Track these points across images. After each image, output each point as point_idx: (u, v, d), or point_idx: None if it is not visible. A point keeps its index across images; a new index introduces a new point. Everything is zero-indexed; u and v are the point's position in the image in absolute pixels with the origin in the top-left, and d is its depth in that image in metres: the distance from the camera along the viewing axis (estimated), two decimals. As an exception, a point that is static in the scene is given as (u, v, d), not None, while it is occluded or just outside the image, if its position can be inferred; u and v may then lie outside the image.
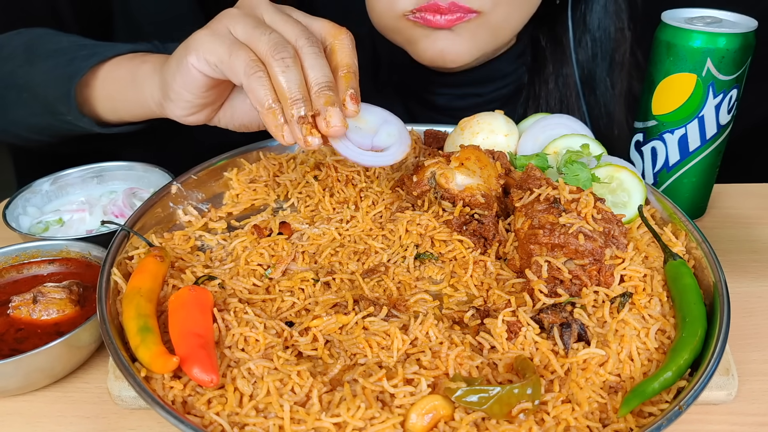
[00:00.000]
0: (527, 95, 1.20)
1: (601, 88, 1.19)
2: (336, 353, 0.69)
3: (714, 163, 0.99)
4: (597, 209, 0.76)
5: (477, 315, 0.73)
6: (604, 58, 1.17)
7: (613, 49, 1.17)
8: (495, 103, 1.21)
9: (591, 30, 1.15)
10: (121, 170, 1.05)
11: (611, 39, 1.16)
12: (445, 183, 0.84)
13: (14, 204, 0.95)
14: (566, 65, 1.17)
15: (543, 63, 1.18)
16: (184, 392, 0.62)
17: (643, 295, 0.73)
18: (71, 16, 1.60)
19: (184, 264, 0.81)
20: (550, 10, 1.16)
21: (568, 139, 0.92)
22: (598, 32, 1.15)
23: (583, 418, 0.61)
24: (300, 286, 0.78)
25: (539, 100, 1.19)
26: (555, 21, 1.17)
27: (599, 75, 1.18)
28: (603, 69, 1.18)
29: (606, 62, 1.17)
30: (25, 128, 1.07)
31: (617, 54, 1.17)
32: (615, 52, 1.17)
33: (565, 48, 1.16)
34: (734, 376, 0.70)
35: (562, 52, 1.17)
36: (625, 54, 1.17)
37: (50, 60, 1.00)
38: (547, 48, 1.18)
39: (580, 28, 1.15)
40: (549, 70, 1.18)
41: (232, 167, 0.99)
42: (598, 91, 1.19)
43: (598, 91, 1.19)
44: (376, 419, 0.59)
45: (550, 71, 1.18)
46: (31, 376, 0.70)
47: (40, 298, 0.74)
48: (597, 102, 1.20)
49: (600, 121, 1.20)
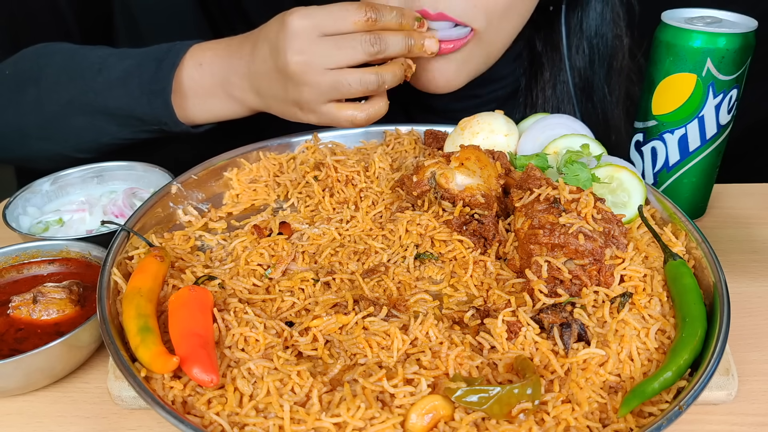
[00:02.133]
0: (525, 101, 1.21)
1: (599, 94, 1.19)
2: (336, 353, 0.69)
3: (714, 163, 0.99)
4: (597, 209, 0.76)
5: (477, 315, 0.73)
6: (601, 65, 1.17)
7: (610, 55, 1.17)
8: (492, 104, 1.21)
9: (588, 36, 1.15)
10: (121, 170, 1.05)
11: (608, 45, 1.16)
12: (445, 183, 0.84)
13: (14, 204, 0.95)
14: (563, 72, 1.17)
15: (540, 68, 1.19)
16: (184, 392, 0.62)
17: (643, 295, 0.73)
18: (71, 15, 1.60)
19: (184, 264, 0.81)
20: (545, 17, 1.16)
21: (568, 139, 0.92)
22: (595, 39, 1.15)
23: (583, 418, 0.61)
24: (300, 286, 0.78)
25: (536, 107, 1.19)
26: (551, 26, 1.17)
27: (597, 82, 1.18)
28: (600, 75, 1.18)
29: (603, 69, 1.17)
30: (87, 150, 1.05)
31: (615, 61, 1.17)
32: (613, 59, 1.17)
33: (561, 54, 1.16)
34: (734, 376, 0.70)
35: (558, 59, 1.17)
36: (623, 60, 1.17)
37: (118, 78, 0.98)
38: (543, 54, 1.18)
39: (576, 35, 1.15)
40: (546, 76, 1.18)
41: (232, 167, 0.99)
42: (596, 97, 1.19)
43: (596, 98, 1.19)
44: (376, 419, 0.59)
45: (546, 78, 1.18)
46: (31, 376, 0.70)
47: (40, 298, 0.74)
48: (594, 108, 1.19)
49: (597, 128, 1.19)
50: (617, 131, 1.20)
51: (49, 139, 1.04)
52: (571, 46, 1.15)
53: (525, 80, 1.20)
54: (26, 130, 1.04)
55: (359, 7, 0.88)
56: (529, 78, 1.20)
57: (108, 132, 1.03)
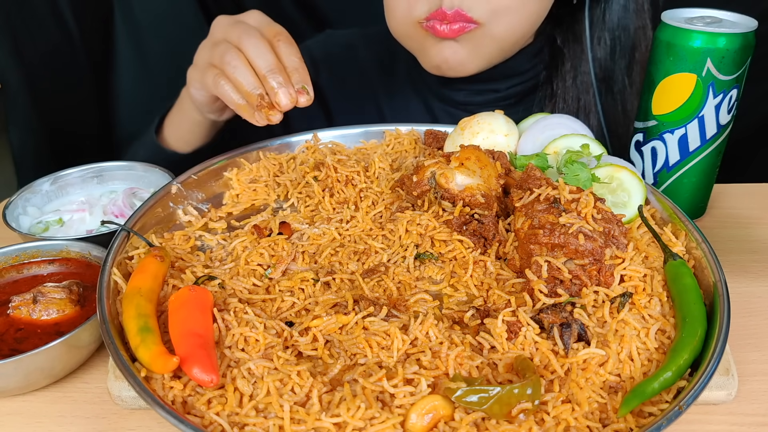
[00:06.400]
0: (544, 93, 1.22)
1: (619, 85, 1.20)
2: (336, 353, 0.69)
3: (714, 163, 0.99)
4: (597, 209, 0.76)
5: (477, 315, 0.73)
6: (623, 56, 1.18)
7: (632, 47, 1.18)
8: (512, 98, 1.23)
9: (610, 28, 1.17)
10: (121, 170, 1.05)
11: (630, 37, 1.17)
12: (445, 183, 0.84)
13: (14, 204, 0.95)
14: (584, 63, 1.18)
15: (561, 60, 1.20)
16: (184, 392, 0.62)
17: (643, 295, 0.73)
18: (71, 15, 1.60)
19: (184, 264, 0.81)
20: (568, 10, 1.17)
21: (568, 139, 0.92)
22: (617, 31, 1.17)
23: (583, 418, 0.61)
24: (300, 286, 0.78)
25: (556, 98, 1.21)
26: (573, 20, 1.18)
27: (617, 73, 1.19)
28: (621, 66, 1.19)
29: (625, 60, 1.19)
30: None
31: (637, 52, 1.18)
32: (635, 51, 1.18)
33: (583, 46, 1.18)
34: (734, 376, 0.70)
35: (580, 50, 1.18)
36: (646, 51, 1.18)
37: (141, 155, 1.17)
38: (564, 46, 1.19)
39: (598, 27, 1.17)
40: (566, 67, 1.20)
41: (232, 167, 0.99)
42: (616, 88, 1.20)
43: (616, 88, 1.20)
44: (376, 419, 0.59)
45: (567, 69, 1.20)
46: (31, 376, 0.70)
47: (40, 298, 0.74)
48: (614, 99, 1.21)
49: (616, 118, 1.21)
50: None
51: None
52: (593, 37, 1.17)
53: (546, 73, 1.22)
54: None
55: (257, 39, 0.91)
56: (549, 70, 1.21)
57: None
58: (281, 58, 0.91)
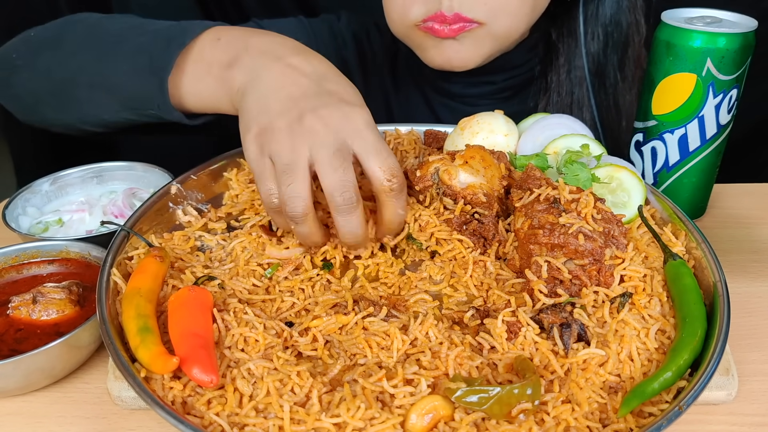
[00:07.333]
0: (538, 86, 1.23)
1: (611, 79, 1.21)
2: (336, 353, 0.69)
3: (714, 163, 0.99)
4: (597, 209, 0.76)
5: (477, 315, 0.73)
6: (615, 51, 1.19)
7: (624, 42, 1.19)
8: (507, 91, 1.24)
9: (603, 24, 1.18)
10: (120, 170, 1.05)
11: (623, 32, 1.18)
12: (448, 179, 0.84)
13: (14, 204, 0.95)
14: (578, 57, 1.19)
15: (555, 55, 1.21)
16: (183, 393, 0.62)
17: (643, 295, 0.73)
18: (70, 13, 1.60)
19: (183, 264, 0.81)
20: (564, 7, 1.18)
21: (568, 139, 0.92)
22: (610, 26, 1.18)
23: (583, 418, 0.61)
24: (300, 286, 0.78)
25: (550, 91, 1.22)
26: (568, 16, 1.19)
27: (609, 67, 1.20)
28: (613, 61, 1.20)
29: (617, 55, 1.20)
30: (92, 124, 1.00)
31: (630, 47, 1.19)
32: (627, 46, 1.19)
33: (577, 41, 1.18)
34: (734, 376, 0.70)
35: (574, 45, 1.19)
36: (639, 46, 1.19)
37: (127, 54, 0.92)
38: (559, 41, 1.20)
39: (592, 22, 1.18)
40: (561, 61, 1.21)
41: (231, 167, 0.99)
42: (608, 82, 1.21)
43: (608, 83, 1.21)
44: (376, 419, 0.59)
45: (561, 63, 1.21)
46: (30, 377, 0.70)
47: (39, 299, 0.74)
48: (606, 93, 1.22)
49: (608, 113, 1.22)
50: (629, 117, 1.22)
51: (57, 107, 0.99)
52: (587, 32, 1.18)
53: (540, 66, 1.23)
54: (39, 95, 1.00)
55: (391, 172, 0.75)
56: (544, 64, 1.22)
57: (109, 110, 0.96)
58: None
